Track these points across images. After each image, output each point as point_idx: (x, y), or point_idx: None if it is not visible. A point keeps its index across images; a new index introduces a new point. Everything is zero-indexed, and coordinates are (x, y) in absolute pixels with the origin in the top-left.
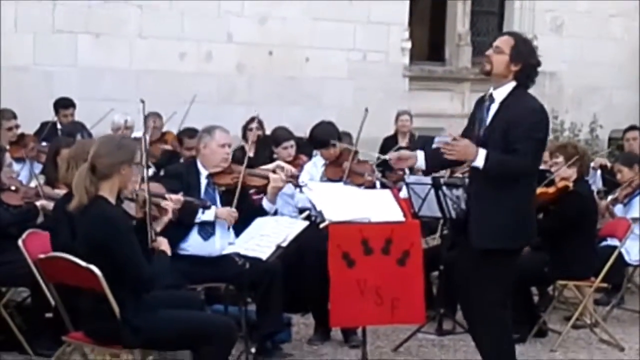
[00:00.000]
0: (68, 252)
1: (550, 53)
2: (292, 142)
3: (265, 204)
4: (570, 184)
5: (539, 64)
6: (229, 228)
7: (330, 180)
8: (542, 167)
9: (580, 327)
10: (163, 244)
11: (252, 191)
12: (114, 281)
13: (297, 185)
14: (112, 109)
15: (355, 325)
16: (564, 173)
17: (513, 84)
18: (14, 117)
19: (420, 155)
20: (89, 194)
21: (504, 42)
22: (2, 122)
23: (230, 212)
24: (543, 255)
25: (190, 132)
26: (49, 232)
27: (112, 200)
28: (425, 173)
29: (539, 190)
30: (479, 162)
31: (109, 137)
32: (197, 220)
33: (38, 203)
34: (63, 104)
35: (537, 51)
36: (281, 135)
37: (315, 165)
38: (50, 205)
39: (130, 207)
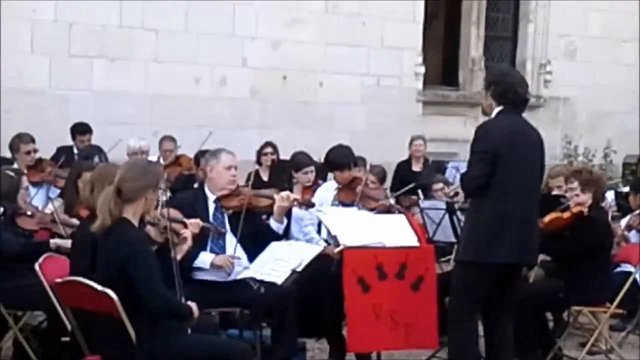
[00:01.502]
0: (86, 278)
1: (564, 78)
2: (312, 168)
3: (273, 223)
4: (585, 210)
5: (505, 82)
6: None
7: (342, 203)
8: (556, 192)
9: (596, 353)
10: (193, 309)
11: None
12: (130, 305)
13: (302, 205)
14: (119, 141)
15: (371, 351)
16: (578, 199)
17: (498, 108)
18: (32, 141)
19: None
20: (112, 215)
21: None
22: (20, 145)
23: (227, 259)
24: (558, 281)
25: None
26: (69, 260)
27: (136, 223)
28: None
29: (554, 215)
30: None
31: (135, 162)
32: (195, 264)
33: (52, 241)
34: (80, 130)
35: (549, 76)
36: (302, 160)
37: (328, 189)
38: (67, 243)
39: (152, 232)
